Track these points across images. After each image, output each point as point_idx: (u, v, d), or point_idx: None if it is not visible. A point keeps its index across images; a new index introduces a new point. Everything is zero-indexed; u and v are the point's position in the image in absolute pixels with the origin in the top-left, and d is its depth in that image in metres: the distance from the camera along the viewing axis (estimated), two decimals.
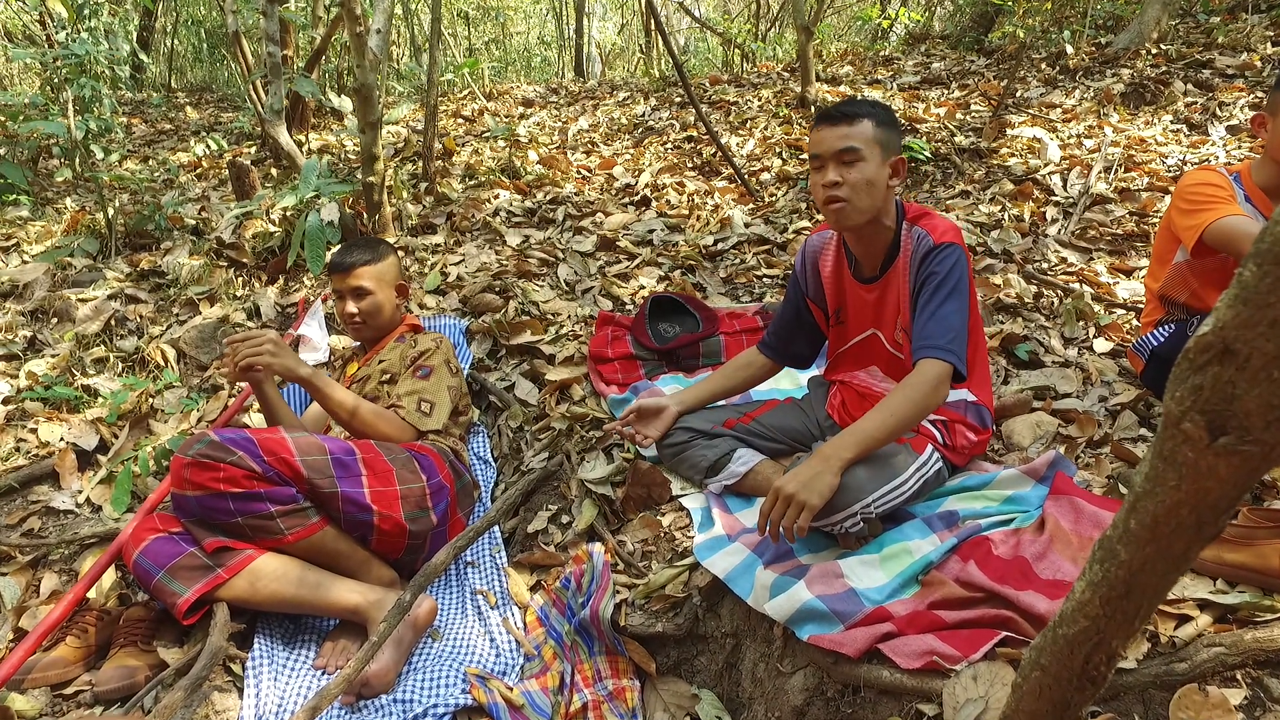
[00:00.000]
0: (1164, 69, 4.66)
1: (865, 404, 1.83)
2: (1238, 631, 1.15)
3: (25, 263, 3.32)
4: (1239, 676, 1.11)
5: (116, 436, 2.47)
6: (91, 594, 1.83)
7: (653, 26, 7.84)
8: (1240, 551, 1.27)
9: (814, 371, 2.21)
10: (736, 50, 7.45)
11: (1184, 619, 1.22)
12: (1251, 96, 4.14)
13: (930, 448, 1.68)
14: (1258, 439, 0.41)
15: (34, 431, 2.43)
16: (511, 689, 1.62)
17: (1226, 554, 1.29)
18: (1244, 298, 0.39)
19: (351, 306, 2.11)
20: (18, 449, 2.38)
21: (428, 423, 1.98)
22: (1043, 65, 5.24)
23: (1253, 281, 0.38)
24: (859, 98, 1.68)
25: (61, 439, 2.41)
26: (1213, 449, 0.43)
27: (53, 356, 2.77)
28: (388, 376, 2.07)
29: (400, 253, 3.41)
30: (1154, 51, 4.93)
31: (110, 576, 1.91)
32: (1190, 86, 4.39)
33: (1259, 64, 4.49)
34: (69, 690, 1.62)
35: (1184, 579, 1.31)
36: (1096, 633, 0.56)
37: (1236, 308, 0.39)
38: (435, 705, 1.56)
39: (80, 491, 2.28)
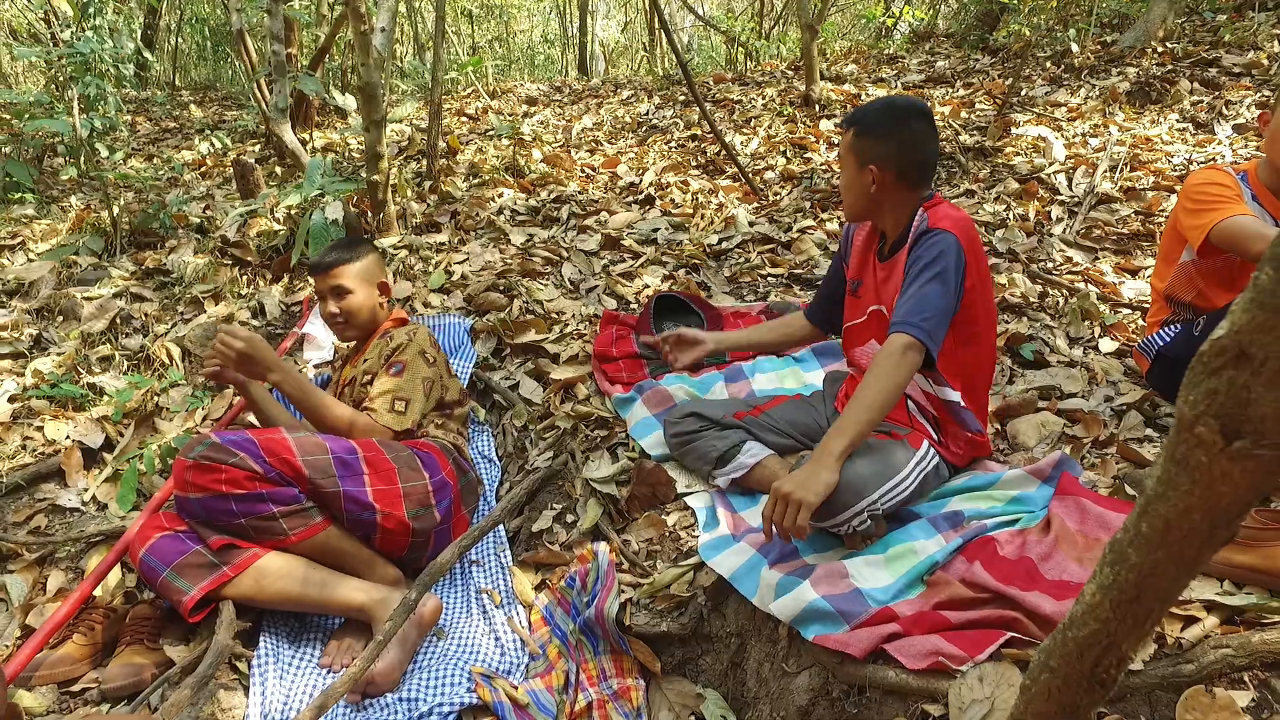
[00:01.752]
0: (1170, 67, 4.65)
1: None
2: (1245, 633, 1.15)
3: (31, 261, 3.33)
4: (1246, 678, 1.11)
5: (122, 435, 2.48)
6: (97, 592, 1.84)
7: (656, 24, 7.84)
8: (1248, 553, 1.27)
9: (822, 371, 2.21)
10: (740, 48, 7.44)
11: (1191, 620, 1.22)
12: (1258, 95, 4.12)
13: (926, 443, 1.69)
14: (1273, 443, 0.41)
15: (40, 429, 2.44)
16: (516, 688, 1.62)
17: (1234, 555, 1.28)
18: (1260, 301, 0.39)
19: (332, 306, 2.07)
20: (24, 447, 2.39)
21: (403, 421, 1.92)
22: (1048, 64, 5.23)
23: (1269, 285, 0.38)
24: (871, 101, 1.72)
25: (67, 437, 2.41)
26: (1227, 453, 0.43)
27: (58, 354, 2.78)
28: (369, 377, 2.04)
29: (404, 251, 3.42)
30: (1160, 50, 4.91)
31: (115, 575, 1.92)
32: (1196, 85, 4.38)
33: (1266, 62, 4.47)
34: (76, 687, 1.63)
35: (1191, 580, 1.31)
36: (1106, 636, 0.56)
37: (1252, 311, 0.39)
38: (440, 704, 1.57)
39: (86, 489, 2.28)
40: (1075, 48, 5.17)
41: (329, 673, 1.70)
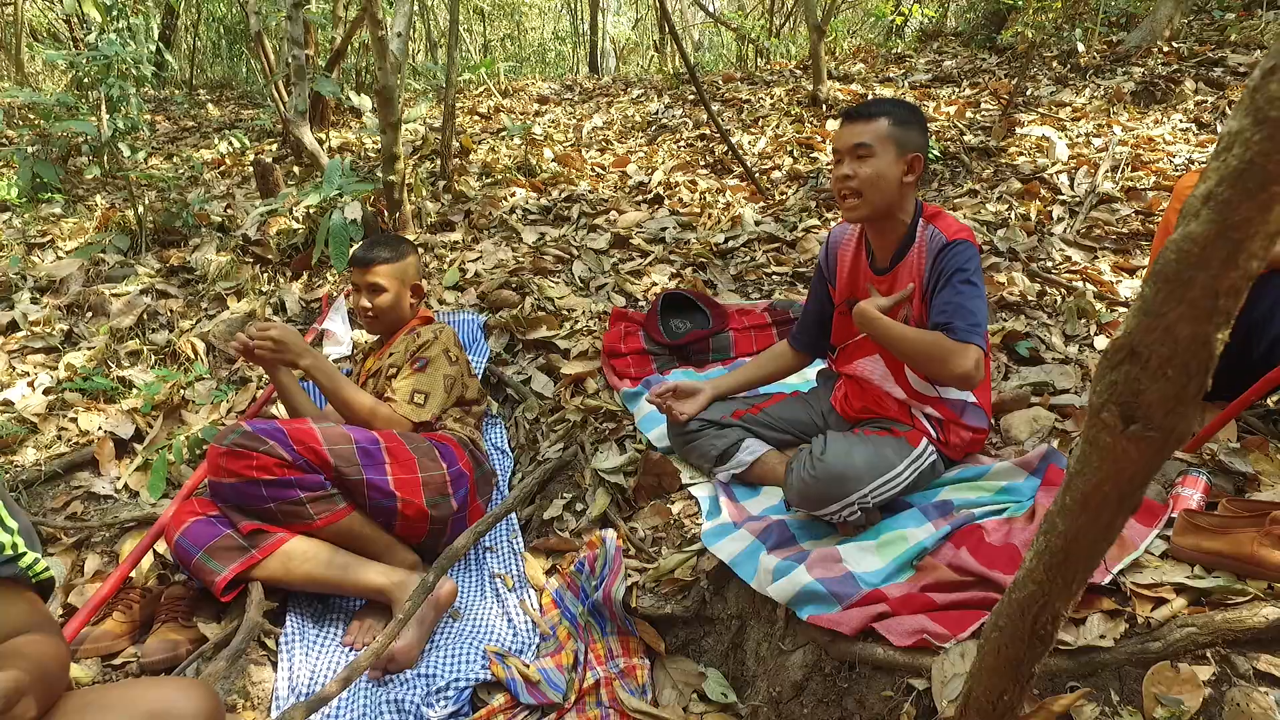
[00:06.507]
0: (1175, 67, 4.68)
1: (867, 396, 1.90)
2: (1209, 613, 1.23)
3: (60, 259, 3.45)
4: (1209, 654, 1.19)
5: (151, 426, 2.59)
6: (132, 574, 1.94)
7: (665, 26, 7.90)
8: (1218, 539, 1.34)
9: (822, 365, 2.28)
10: (751, 46, 7.50)
11: (1161, 601, 1.29)
12: None
13: (925, 441, 1.76)
14: (1159, 426, 0.49)
15: (74, 420, 2.55)
16: (528, 666, 1.72)
17: (1205, 542, 1.36)
18: (1144, 309, 0.47)
19: (365, 301, 2.16)
20: (59, 437, 2.50)
21: (421, 414, 2.01)
22: (1054, 63, 5.26)
23: (1150, 295, 0.46)
24: (885, 97, 1.76)
25: (100, 428, 2.53)
26: (1125, 434, 0.51)
27: (89, 349, 2.89)
28: (394, 371, 2.13)
29: (420, 249, 3.51)
30: (1166, 49, 4.94)
31: (148, 559, 2.02)
32: (1201, 85, 4.41)
33: None
34: (117, 660, 1.74)
35: (1163, 565, 1.38)
36: (1042, 595, 0.64)
37: (1140, 317, 0.48)
38: (456, 679, 1.66)
39: (118, 478, 2.40)
40: (1081, 47, 5.20)
41: (351, 650, 1.80)
